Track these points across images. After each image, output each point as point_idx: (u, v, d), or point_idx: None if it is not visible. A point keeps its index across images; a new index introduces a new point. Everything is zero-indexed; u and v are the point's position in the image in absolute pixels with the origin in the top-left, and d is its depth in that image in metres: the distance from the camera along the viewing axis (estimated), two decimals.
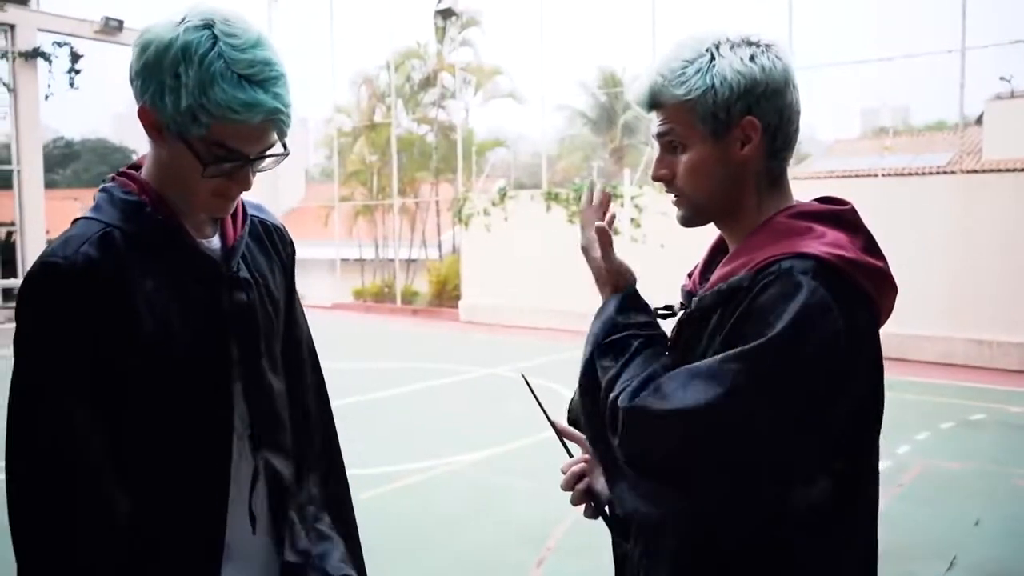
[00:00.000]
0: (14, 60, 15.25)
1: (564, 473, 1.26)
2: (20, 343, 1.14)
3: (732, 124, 1.10)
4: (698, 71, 1.09)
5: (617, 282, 1.22)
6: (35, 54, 15.34)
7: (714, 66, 1.09)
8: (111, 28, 15.90)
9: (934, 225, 9.87)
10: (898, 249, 9.19)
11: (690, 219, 1.19)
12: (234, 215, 1.31)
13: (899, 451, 5.85)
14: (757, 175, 1.14)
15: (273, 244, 1.39)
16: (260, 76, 1.10)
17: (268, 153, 1.18)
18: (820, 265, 1.03)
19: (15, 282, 15.44)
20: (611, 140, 26.41)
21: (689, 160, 1.13)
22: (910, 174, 11.29)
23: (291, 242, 1.44)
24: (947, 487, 5.17)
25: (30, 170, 15.60)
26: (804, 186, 11.95)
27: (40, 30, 15.68)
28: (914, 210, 9.96)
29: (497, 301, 14.42)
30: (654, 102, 1.15)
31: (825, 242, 1.07)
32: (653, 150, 1.20)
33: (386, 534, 4.33)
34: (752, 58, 1.10)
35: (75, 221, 1.20)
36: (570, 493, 1.25)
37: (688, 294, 1.24)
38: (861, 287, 1.06)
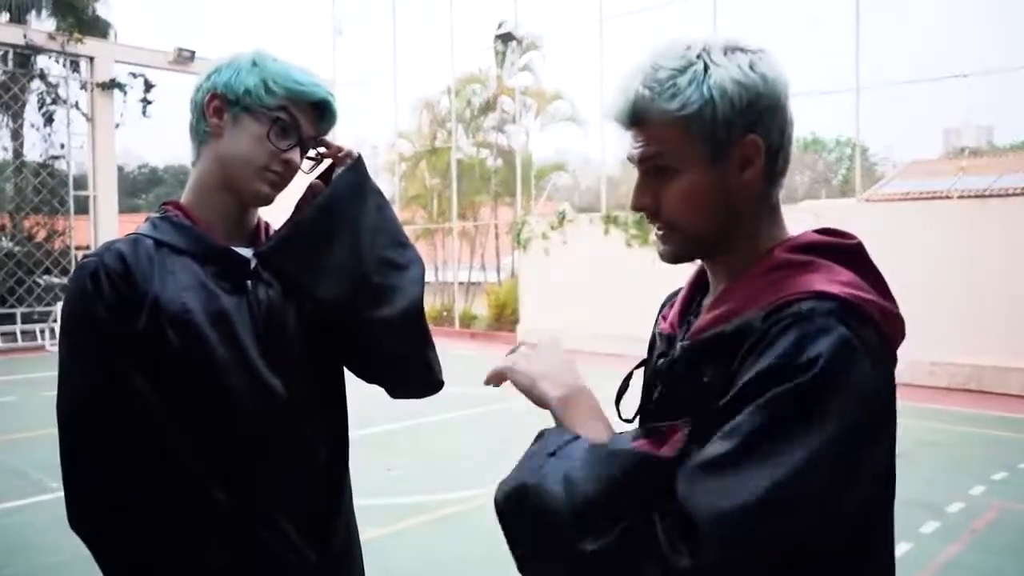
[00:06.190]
0: (92, 91, 15.94)
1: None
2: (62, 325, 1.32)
3: (732, 144, 0.94)
4: (692, 81, 0.93)
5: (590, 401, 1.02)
6: (112, 85, 16.01)
7: (710, 75, 0.93)
8: (184, 59, 16.48)
9: (1017, 248, 9.28)
10: (978, 273, 8.70)
11: (679, 255, 1.02)
12: (266, 233, 1.43)
13: (973, 492, 5.42)
14: (755, 203, 0.98)
15: None
16: (316, 77, 1.37)
17: (312, 155, 1.40)
18: (842, 307, 0.88)
19: None
20: None
21: (682, 187, 0.96)
22: (990, 195, 10.70)
23: None
24: None
25: (105, 196, 16.21)
26: (877, 209, 11.47)
27: (117, 61, 16.38)
28: (995, 233, 9.40)
29: (555, 325, 14.24)
30: (637, 119, 0.97)
31: (839, 281, 0.91)
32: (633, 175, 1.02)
33: (414, 568, 4.19)
34: (752, 66, 0.94)
35: None
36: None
37: (667, 339, 1.06)
38: (883, 332, 0.91)
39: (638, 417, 1.09)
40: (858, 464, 0.84)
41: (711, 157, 0.95)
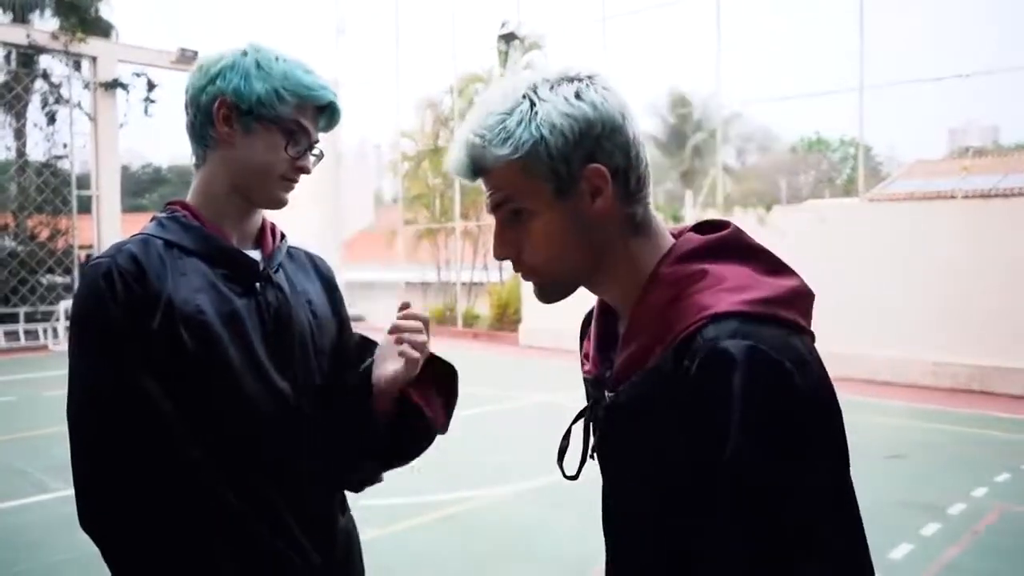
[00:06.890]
0: (95, 90, 15.98)
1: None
2: (73, 328, 1.28)
3: (576, 177, 0.92)
4: (520, 122, 0.90)
5: None
6: (115, 84, 16.06)
7: (537, 113, 0.90)
8: (187, 58, 16.50)
9: (1022, 248, 9.25)
10: (982, 273, 8.65)
11: (551, 294, 0.99)
12: (272, 234, 1.44)
13: (975, 494, 5.40)
14: (619, 227, 0.96)
15: (315, 267, 1.52)
16: (319, 77, 1.36)
17: (314, 153, 1.39)
18: (742, 322, 0.85)
19: None
20: (680, 162, 26.04)
21: (538, 229, 0.94)
22: (995, 195, 10.68)
23: (329, 270, 1.56)
24: None
25: (107, 195, 16.26)
26: (881, 208, 11.45)
27: (120, 61, 16.43)
28: (999, 233, 9.38)
29: (556, 325, 14.22)
30: (477, 168, 0.94)
31: (730, 288, 0.89)
32: (493, 222, 0.99)
33: (415, 569, 4.19)
34: (578, 95, 0.91)
35: None
36: None
37: (595, 383, 1.02)
38: (789, 321, 0.89)
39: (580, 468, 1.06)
40: (825, 476, 0.84)
41: (557, 194, 0.92)
